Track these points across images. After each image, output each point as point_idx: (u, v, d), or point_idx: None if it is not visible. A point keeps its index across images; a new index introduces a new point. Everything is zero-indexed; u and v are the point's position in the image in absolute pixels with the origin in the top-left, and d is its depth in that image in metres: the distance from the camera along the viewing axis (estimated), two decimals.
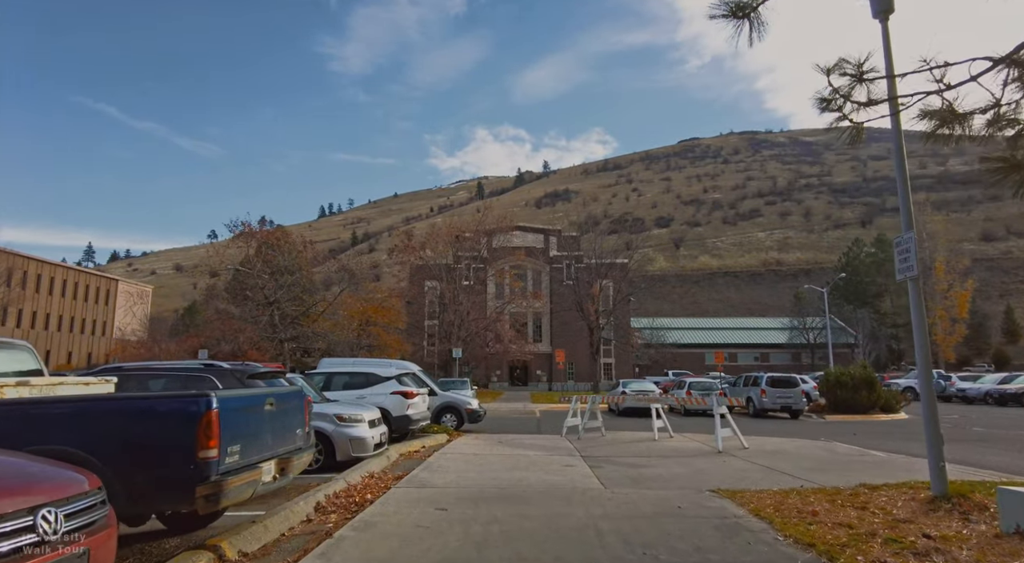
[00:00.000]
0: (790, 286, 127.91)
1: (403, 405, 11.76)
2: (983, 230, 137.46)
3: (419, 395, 12.30)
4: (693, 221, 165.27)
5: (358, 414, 9.41)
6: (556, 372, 53.11)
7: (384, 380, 12.02)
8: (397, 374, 12.27)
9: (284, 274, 36.82)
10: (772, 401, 22.10)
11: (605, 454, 10.12)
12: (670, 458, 9.63)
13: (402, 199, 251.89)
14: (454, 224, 38.82)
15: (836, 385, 22.30)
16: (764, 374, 23.28)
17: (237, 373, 7.20)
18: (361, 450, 9.24)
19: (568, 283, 52.06)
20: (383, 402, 11.74)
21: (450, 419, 15.44)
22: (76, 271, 71.76)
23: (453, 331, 35.88)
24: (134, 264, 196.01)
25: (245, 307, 35.96)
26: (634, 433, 13.97)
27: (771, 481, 7.37)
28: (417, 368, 16.25)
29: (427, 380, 15.68)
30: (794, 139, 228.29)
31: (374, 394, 11.86)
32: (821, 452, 10.33)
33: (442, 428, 14.14)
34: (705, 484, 7.19)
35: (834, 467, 8.63)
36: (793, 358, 70.22)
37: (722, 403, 10.65)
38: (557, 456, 9.85)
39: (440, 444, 12.27)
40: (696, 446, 11.26)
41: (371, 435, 9.40)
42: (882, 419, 21.46)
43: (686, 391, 23.43)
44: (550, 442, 12.17)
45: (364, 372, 12.30)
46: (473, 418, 15.56)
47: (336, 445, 9.08)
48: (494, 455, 9.94)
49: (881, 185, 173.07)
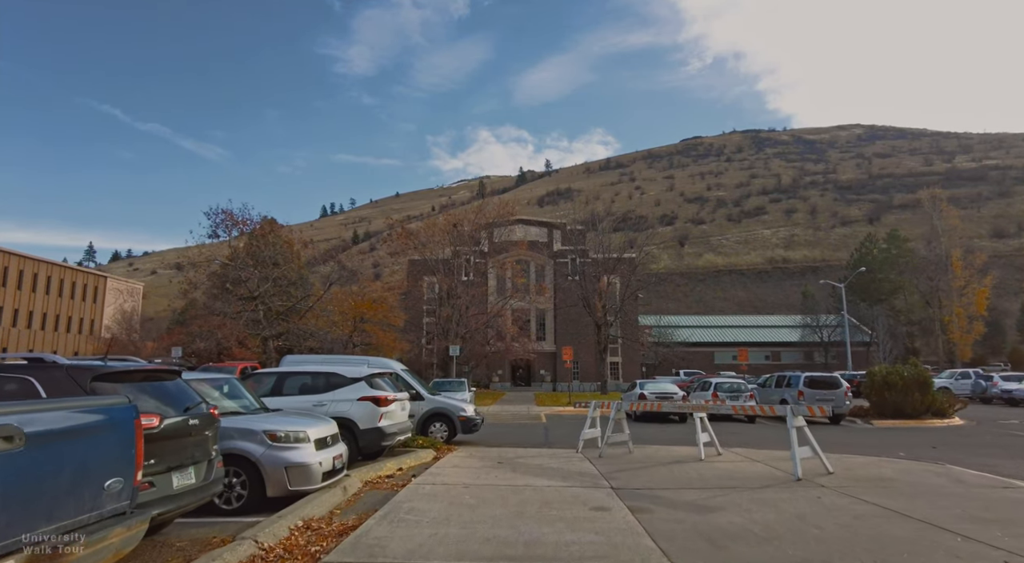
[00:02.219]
0: (797, 284, 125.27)
1: (374, 415, 9.03)
2: (994, 227, 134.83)
3: (396, 401, 9.56)
4: (697, 219, 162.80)
5: (299, 430, 6.70)
6: (561, 372, 50.34)
7: (350, 382, 9.29)
8: (369, 374, 9.53)
9: (270, 267, 34.22)
10: (812, 404, 19.31)
11: (645, 485, 7.39)
12: (738, 491, 6.91)
13: (404, 198, 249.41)
14: (452, 214, 36.01)
15: (884, 386, 19.54)
16: (800, 373, 20.50)
17: (77, 372, 4.49)
18: (304, 481, 6.53)
19: (573, 279, 49.30)
20: (348, 411, 9.02)
21: (440, 429, 12.69)
22: (62, 268, 69.10)
23: (451, 327, 33.10)
24: (135, 263, 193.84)
25: (226, 301, 33.27)
26: (669, 449, 11.21)
27: (945, 552, 4.59)
28: (400, 367, 13.50)
29: (412, 381, 12.95)
30: (797, 137, 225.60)
31: (337, 400, 9.14)
32: (947, 482, 7.56)
33: (429, 441, 11.41)
34: (831, 552, 4.46)
35: (1001, 512, 5.87)
36: (805, 357, 67.63)
37: (799, 411, 7.90)
38: (579, 489, 7.12)
39: (423, 464, 9.55)
40: (762, 470, 8.51)
41: (319, 460, 6.69)
42: (938, 425, 18.70)
43: (712, 393, 20.70)
44: (565, 463, 9.45)
45: (324, 372, 9.56)
46: (468, 428, 12.82)
47: (266, 475, 6.36)
48: (491, 487, 7.20)
49: (888, 182, 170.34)
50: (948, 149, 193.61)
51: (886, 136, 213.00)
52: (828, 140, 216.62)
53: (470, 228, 38.07)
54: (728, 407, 9.28)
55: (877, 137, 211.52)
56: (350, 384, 9.32)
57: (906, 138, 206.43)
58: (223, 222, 32.00)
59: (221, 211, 31.88)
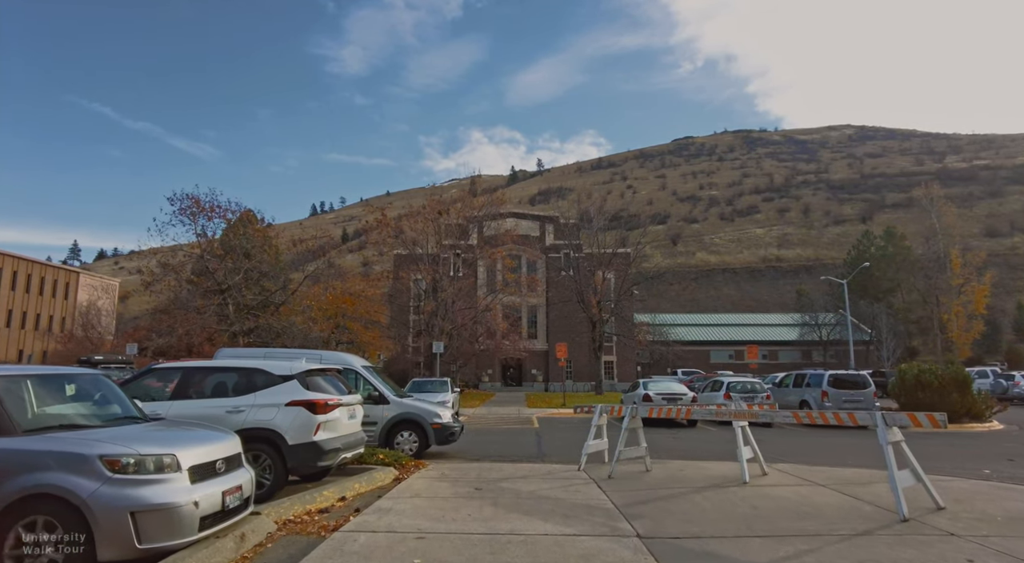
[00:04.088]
0: (790, 283, 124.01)
1: (307, 425, 6.63)
2: (986, 226, 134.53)
3: (341, 406, 7.15)
4: (690, 218, 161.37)
5: (163, 452, 4.32)
6: (553, 371, 48.05)
7: (279, 381, 6.89)
8: (304, 371, 7.12)
9: (241, 258, 31.66)
10: (837, 406, 17.17)
11: (685, 530, 5.08)
12: (829, 541, 4.62)
13: (394, 197, 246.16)
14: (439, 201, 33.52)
15: (917, 386, 17.41)
16: (823, 371, 18.29)
17: None
18: (166, 534, 4.16)
19: (567, 273, 46.99)
20: (271, 420, 6.62)
21: (408, 440, 10.28)
22: (29, 262, 65.76)
23: (436, 322, 30.63)
24: (120, 262, 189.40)
25: (192, 295, 30.64)
26: (697, 466, 8.89)
27: None
28: (362, 363, 11.02)
29: (375, 381, 10.52)
30: (789, 137, 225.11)
31: (258, 405, 6.74)
32: None
33: (392, 455, 9.00)
34: None
35: None
36: (803, 356, 65.86)
37: (896, 421, 5.59)
38: (591, 540, 4.79)
39: (378, 489, 7.18)
40: (837, 501, 6.21)
41: (194, 497, 4.32)
42: (979, 430, 16.59)
43: (724, 394, 18.46)
44: (565, 487, 7.12)
45: (245, 369, 7.15)
46: (443, 437, 10.40)
47: (97, 528, 3.98)
48: (458, 538, 4.84)
49: (879, 182, 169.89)
50: (938, 149, 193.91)
51: (876, 136, 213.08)
52: (819, 140, 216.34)
53: (457, 217, 35.68)
54: (785, 415, 6.92)
55: (867, 137, 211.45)
56: (278, 384, 6.92)
57: (896, 138, 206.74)
58: (188, 209, 29.26)
59: (186, 196, 29.16)
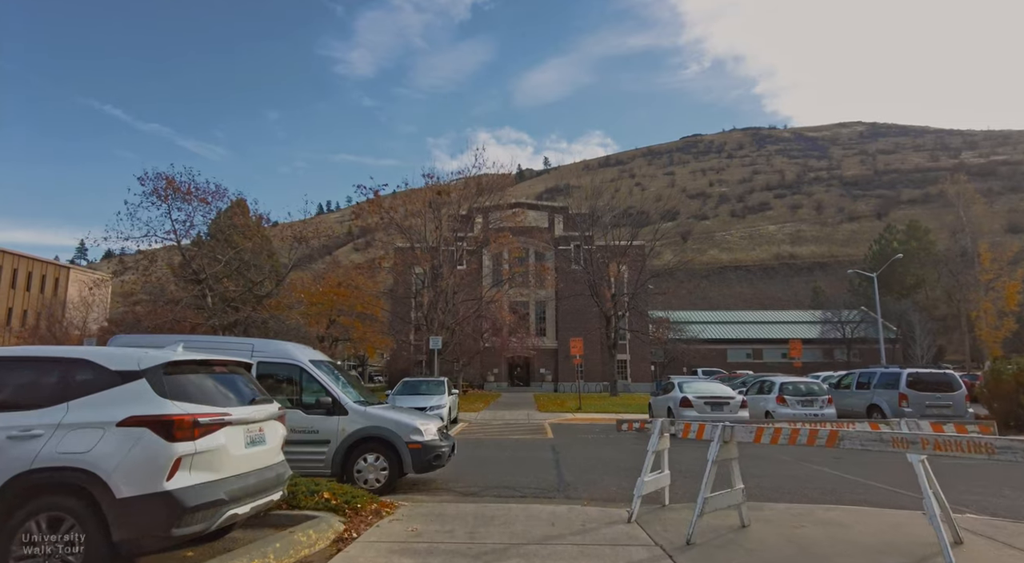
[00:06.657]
0: (805, 280, 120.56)
1: (155, 461, 3.57)
2: (1009, 221, 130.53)
3: (228, 426, 4.08)
4: (700, 214, 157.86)
5: None
6: (563, 371, 44.93)
7: (114, 382, 3.85)
8: (162, 363, 4.07)
9: (223, 246, 28.77)
10: (919, 412, 14.00)
11: None
12: None
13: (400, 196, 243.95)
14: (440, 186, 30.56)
15: (1017, 389, 14.21)
16: (900, 370, 15.04)
17: None
18: None
19: (578, 266, 43.81)
20: (86, 454, 3.57)
21: (375, 466, 7.14)
22: (15, 256, 63.31)
23: (435, 315, 27.57)
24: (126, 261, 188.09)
25: (164, 284, 27.77)
26: (812, 514, 5.78)
27: None
28: (311, 356, 7.74)
29: (325, 380, 7.32)
30: (799, 134, 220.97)
31: (68, 426, 3.70)
32: None
33: (344, 494, 5.89)
34: None
35: None
36: (825, 355, 62.51)
37: None
38: None
39: None
40: None
41: None
42: None
43: (776, 397, 15.29)
44: None
45: (60, 359, 4.12)
46: (423, 462, 7.20)
47: None
48: None
49: (894, 178, 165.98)
50: (953, 145, 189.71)
51: (888, 133, 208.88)
52: (830, 137, 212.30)
53: (459, 205, 32.71)
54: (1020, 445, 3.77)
55: (879, 135, 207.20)
56: (114, 387, 3.86)
57: (909, 135, 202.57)
58: (160, 190, 26.04)
59: (158, 175, 25.87)
